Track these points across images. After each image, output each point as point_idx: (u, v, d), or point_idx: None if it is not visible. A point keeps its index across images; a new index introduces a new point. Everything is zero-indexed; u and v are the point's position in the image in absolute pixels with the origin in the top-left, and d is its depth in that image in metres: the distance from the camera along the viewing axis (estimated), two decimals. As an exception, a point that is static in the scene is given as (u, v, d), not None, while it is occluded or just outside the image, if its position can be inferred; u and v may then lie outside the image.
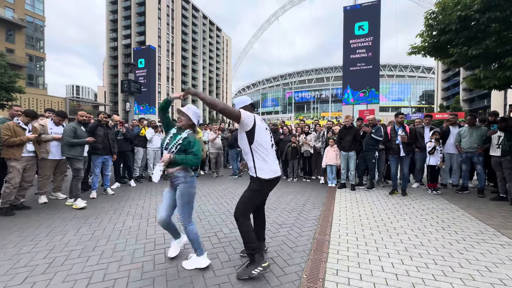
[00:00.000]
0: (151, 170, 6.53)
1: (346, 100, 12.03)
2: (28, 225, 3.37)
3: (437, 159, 5.14)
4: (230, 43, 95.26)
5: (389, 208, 4.22)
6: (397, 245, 2.84)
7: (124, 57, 58.56)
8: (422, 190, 5.53)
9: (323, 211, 4.05)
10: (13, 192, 3.81)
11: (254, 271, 2.14)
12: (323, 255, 2.61)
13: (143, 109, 17.73)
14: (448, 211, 4.05)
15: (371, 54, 11.58)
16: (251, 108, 2.40)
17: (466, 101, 49.77)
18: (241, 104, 2.38)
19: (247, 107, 2.38)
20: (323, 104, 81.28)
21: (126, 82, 11.40)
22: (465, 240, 2.96)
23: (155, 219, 3.64)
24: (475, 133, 5.05)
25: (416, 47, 6.35)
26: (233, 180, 6.66)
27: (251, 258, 2.21)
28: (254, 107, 2.47)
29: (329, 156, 5.94)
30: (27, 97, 24.95)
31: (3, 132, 3.71)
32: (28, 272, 2.25)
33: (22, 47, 29.73)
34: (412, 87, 76.98)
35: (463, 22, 5.12)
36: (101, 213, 3.91)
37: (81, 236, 3.04)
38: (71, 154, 4.19)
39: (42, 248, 2.72)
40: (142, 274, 2.23)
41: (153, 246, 2.80)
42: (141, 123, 6.80)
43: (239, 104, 2.38)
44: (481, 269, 2.32)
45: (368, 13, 11.61)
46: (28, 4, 31.24)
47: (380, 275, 2.24)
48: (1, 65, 17.16)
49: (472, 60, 5.38)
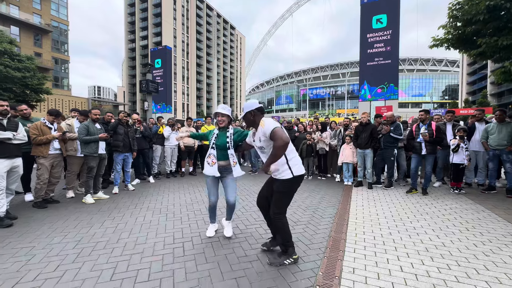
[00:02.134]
0: (169, 167, 6.74)
1: (363, 96, 11.68)
2: (58, 217, 3.62)
3: (462, 157, 4.88)
4: (244, 41, 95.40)
5: (408, 207, 4.10)
6: (417, 245, 2.75)
7: (142, 58, 60.39)
8: (444, 189, 5.30)
9: (339, 209, 4.00)
10: (43, 187, 4.09)
11: (286, 261, 2.35)
12: (339, 253, 2.59)
13: (159, 108, 18.25)
14: (472, 211, 3.86)
15: (390, 48, 11.14)
16: (257, 112, 2.38)
17: (494, 95, 46.73)
18: (248, 108, 2.38)
19: (254, 111, 2.37)
20: (339, 101, 79.56)
21: (144, 82, 11.78)
22: (492, 242, 2.82)
23: (173, 215, 3.77)
24: (504, 129, 4.75)
25: (439, 40, 6.05)
26: (248, 177, 6.72)
27: (285, 250, 2.39)
28: (262, 111, 2.44)
29: (345, 154, 5.84)
30: (53, 98, 26.45)
31: (31, 131, 3.98)
32: (60, 261, 2.42)
33: (48, 51, 31.52)
34: (434, 81, 73.33)
35: (492, 12, 4.82)
36: (123, 207, 4.11)
37: (105, 229, 3.22)
38: (86, 151, 4.34)
39: (71, 239, 2.91)
40: (162, 266, 2.33)
41: (172, 240, 2.91)
42: (159, 121, 7.02)
43: (247, 109, 2.39)
44: (509, 272, 2.20)
45: (387, 5, 11.16)
46: (54, 10, 33.02)
47: (398, 274, 2.19)
48: (31, 68, 18.31)
49: (502, 51, 5.06)
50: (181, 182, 6.12)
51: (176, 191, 5.22)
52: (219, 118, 2.80)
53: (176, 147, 6.79)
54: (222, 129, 2.83)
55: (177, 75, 58.85)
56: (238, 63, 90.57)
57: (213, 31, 74.56)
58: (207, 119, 7.87)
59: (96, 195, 4.57)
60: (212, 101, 73.97)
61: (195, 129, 7.21)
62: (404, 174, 5.86)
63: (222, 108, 2.80)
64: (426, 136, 4.74)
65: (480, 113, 5.45)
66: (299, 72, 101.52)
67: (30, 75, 18.14)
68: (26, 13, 29.13)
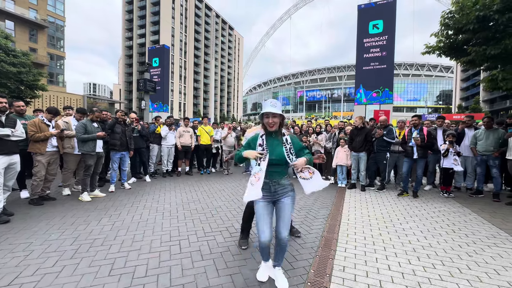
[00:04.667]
0: (165, 166, 6.79)
1: (358, 100, 11.89)
2: (54, 214, 3.65)
3: (451, 162, 5.05)
4: (242, 42, 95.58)
5: (399, 209, 4.23)
6: (405, 245, 2.87)
7: (139, 56, 60.08)
8: (434, 192, 5.46)
9: (332, 210, 4.11)
10: (40, 184, 4.11)
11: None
12: (330, 252, 2.69)
13: (156, 107, 18.22)
14: (460, 214, 4.01)
15: (385, 53, 11.37)
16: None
17: (487, 101, 47.69)
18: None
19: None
20: (335, 104, 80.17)
21: (142, 81, 11.78)
22: (476, 243, 2.95)
23: (170, 213, 3.83)
24: (491, 135, 4.93)
25: (431, 47, 6.25)
26: (244, 178, 6.80)
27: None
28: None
29: (339, 157, 5.96)
30: (48, 94, 26.14)
31: (29, 128, 4.00)
32: (58, 257, 2.47)
33: (44, 46, 31.12)
34: (428, 86, 74.52)
35: (481, 22, 5.01)
36: (120, 206, 4.15)
37: (102, 226, 3.27)
38: (84, 150, 4.37)
39: (68, 236, 2.96)
40: (159, 263, 2.40)
41: (169, 238, 2.98)
42: (157, 121, 7.06)
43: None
44: (489, 272, 2.33)
45: (383, 11, 11.40)
46: (50, 5, 32.66)
47: (386, 273, 2.30)
48: (26, 64, 18.09)
49: (490, 60, 5.25)
50: (177, 182, 6.17)
51: (172, 190, 5.27)
52: (269, 120, 1.96)
53: (173, 146, 6.83)
54: (273, 133, 2.02)
55: (174, 74, 58.67)
56: (236, 63, 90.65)
57: (212, 31, 74.59)
58: (203, 119, 7.92)
59: (93, 193, 4.60)
60: (209, 101, 73.84)
61: (191, 129, 7.26)
62: (400, 179, 5.98)
63: (272, 105, 1.95)
64: (418, 141, 4.89)
65: (470, 119, 5.63)
66: (296, 74, 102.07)
67: (25, 70, 17.92)
68: (22, 7, 28.74)
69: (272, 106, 1.94)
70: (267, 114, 1.97)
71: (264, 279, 2.13)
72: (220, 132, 7.70)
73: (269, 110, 1.93)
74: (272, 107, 1.94)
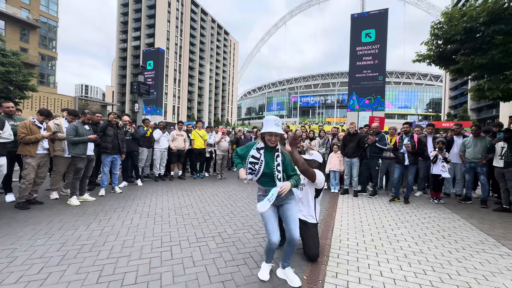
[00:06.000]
0: (157, 170, 6.69)
1: (351, 106, 12.10)
2: (41, 219, 3.53)
3: (440, 168, 5.15)
4: (237, 46, 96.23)
5: (390, 215, 4.27)
6: (397, 251, 2.90)
7: (133, 58, 59.65)
8: (425, 198, 5.56)
9: (325, 216, 4.12)
10: (28, 187, 3.99)
11: None
12: (323, 258, 2.69)
13: (150, 110, 18.06)
14: (449, 220, 4.09)
15: (378, 61, 11.67)
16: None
17: (474, 110, 49.14)
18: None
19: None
20: (329, 110, 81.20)
21: (135, 84, 11.66)
22: (465, 249, 3.00)
23: (161, 218, 3.77)
24: (479, 143, 5.07)
25: (422, 55, 6.44)
26: (237, 183, 6.77)
27: None
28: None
29: (332, 162, 6.01)
30: (38, 95, 25.59)
31: (19, 130, 3.90)
32: (44, 263, 2.38)
33: (35, 47, 30.61)
34: (419, 94, 76.45)
35: (468, 33, 5.20)
36: (110, 210, 4.06)
37: (91, 231, 3.18)
38: (74, 153, 4.26)
39: (55, 241, 2.86)
40: (150, 269, 2.35)
41: (160, 243, 2.92)
42: (146, 124, 6.83)
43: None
44: (478, 278, 2.37)
45: (375, 21, 11.74)
46: (43, 5, 32.25)
47: (378, 279, 2.31)
48: (16, 64, 17.71)
49: (477, 69, 5.44)
50: (169, 186, 6.09)
51: (164, 195, 5.19)
52: (272, 138, 2.11)
53: (166, 150, 6.75)
54: (270, 148, 2.17)
55: (168, 77, 58.45)
56: (231, 68, 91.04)
57: (207, 35, 74.89)
58: (197, 124, 7.83)
59: (82, 197, 4.49)
60: (204, 105, 73.68)
61: (185, 132, 7.20)
62: (393, 185, 6.06)
63: (276, 124, 2.11)
64: (409, 147, 4.99)
65: (458, 127, 5.79)
66: (291, 80, 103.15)
67: (15, 70, 17.54)
68: (14, 7, 28.29)
69: (276, 126, 2.10)
70: (270, 133, 2.11)
71: (266, 278, 2.24)
72: (214, 136, 7.67)
73: (274, 130, 2.08)
74: (276, 127, 2.09)
